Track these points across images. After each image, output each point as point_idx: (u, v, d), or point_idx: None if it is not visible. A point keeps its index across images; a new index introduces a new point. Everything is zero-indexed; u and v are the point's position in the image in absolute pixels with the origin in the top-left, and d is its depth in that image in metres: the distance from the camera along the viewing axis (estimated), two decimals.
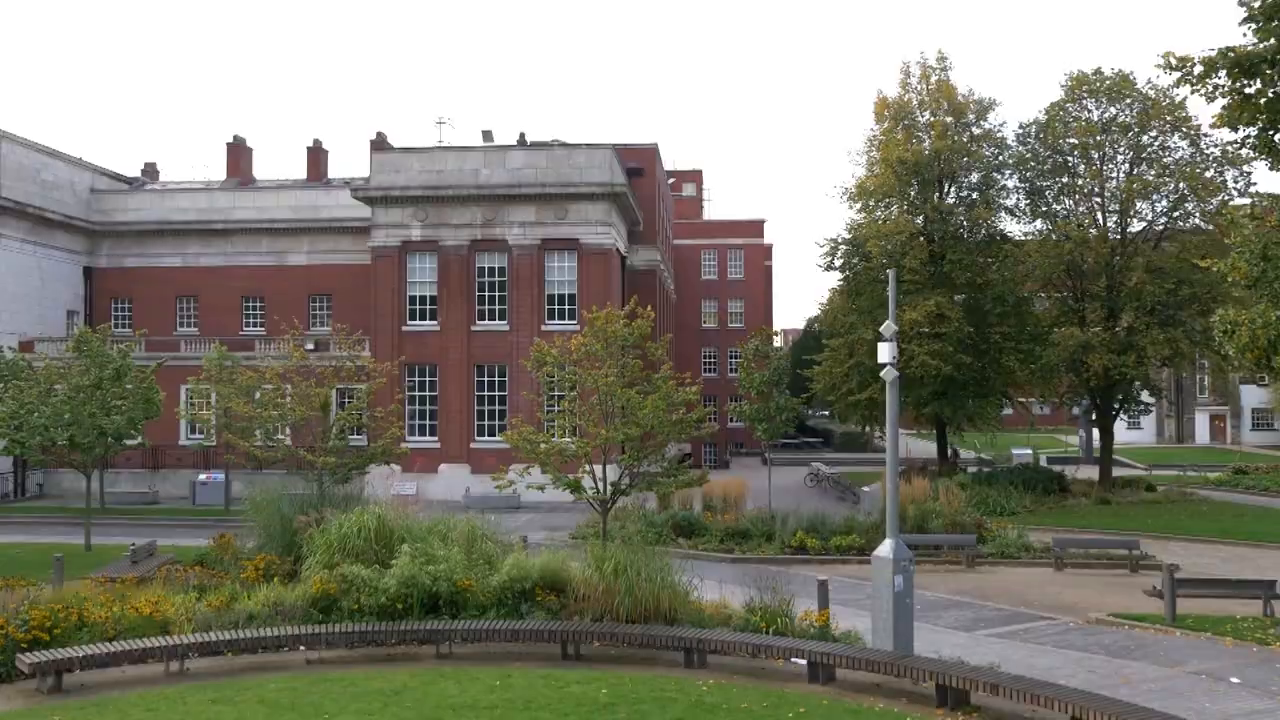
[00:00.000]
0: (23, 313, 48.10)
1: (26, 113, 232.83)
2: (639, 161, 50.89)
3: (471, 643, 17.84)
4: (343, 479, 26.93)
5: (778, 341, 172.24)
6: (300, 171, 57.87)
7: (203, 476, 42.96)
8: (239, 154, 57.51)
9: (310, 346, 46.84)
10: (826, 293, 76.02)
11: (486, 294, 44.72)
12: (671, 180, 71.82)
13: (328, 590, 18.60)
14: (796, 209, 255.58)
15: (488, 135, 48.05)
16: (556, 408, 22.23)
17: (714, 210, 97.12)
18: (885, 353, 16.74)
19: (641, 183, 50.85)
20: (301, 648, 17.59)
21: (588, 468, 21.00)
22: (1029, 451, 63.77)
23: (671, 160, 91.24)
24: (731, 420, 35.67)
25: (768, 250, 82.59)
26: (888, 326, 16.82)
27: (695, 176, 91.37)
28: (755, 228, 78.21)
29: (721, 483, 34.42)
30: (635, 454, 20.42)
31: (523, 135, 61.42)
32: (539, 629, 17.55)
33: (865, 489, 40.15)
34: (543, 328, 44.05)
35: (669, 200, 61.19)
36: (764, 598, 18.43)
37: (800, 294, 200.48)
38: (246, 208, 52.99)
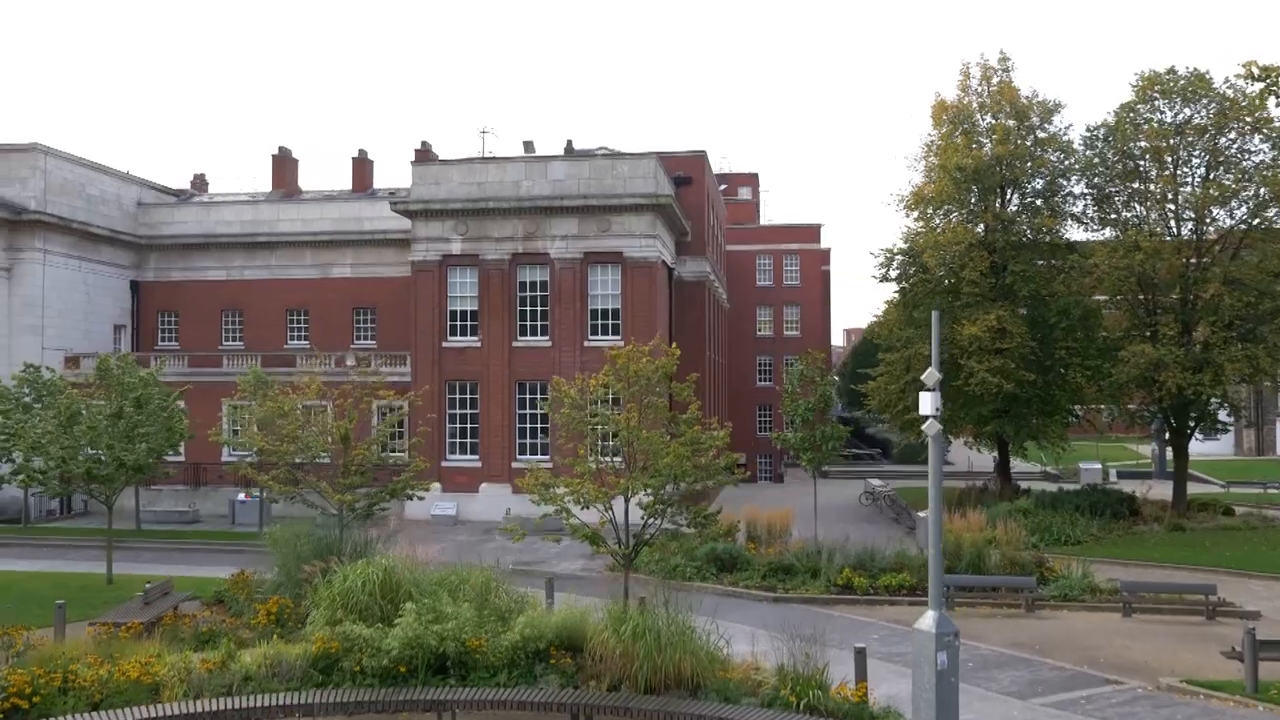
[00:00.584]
0: (69, 328, 48.05)
1: (80, 129, 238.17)
2: (687, 170, 49.34)
3: (477, 710, 16.57)
4: (364, 514, 25.82)
5: (839, 340, 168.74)
6: (346, 182, 57.31)
7: (241, 496, 42.32)
8: (284, 165, 57.09)
9: (351, 362, 46.29)
10: (883, 304, 73.63)
11: (528, 309, 43.53)
12: (723, 187, 70.13)
13: (329, 649, 17.45)
14: (860, 208, 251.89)
15: (529, 146, 46.87)
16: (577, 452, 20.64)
17: (771, 213, 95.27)
18: (927, 404, 15.10)
19: (689, 192, 49.32)
20: (298, 715, 16.45)
21: (609, 515, 19.53)
22: (1098, 466, 61.03)
23: (726, 163, 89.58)
24: (777, 445, 33.86)
25: (825, 255, 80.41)
26: (930, 375, 15.18)
27: (751, 180, 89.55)
28: (811, 233, 76.14)
29: (766, 512, 32.81)
30: (658, 502, 18.91)
31: (570, 143, 60.36)
32: (548, 700, 16.21)
33: (921, 514, 38.20)
34: (585, 343, 42.81)
35: (720, 207, 59.58)
36: (796, 664, 16.90)
37: (865, 294, 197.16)
38: (290, 220, 52.50)
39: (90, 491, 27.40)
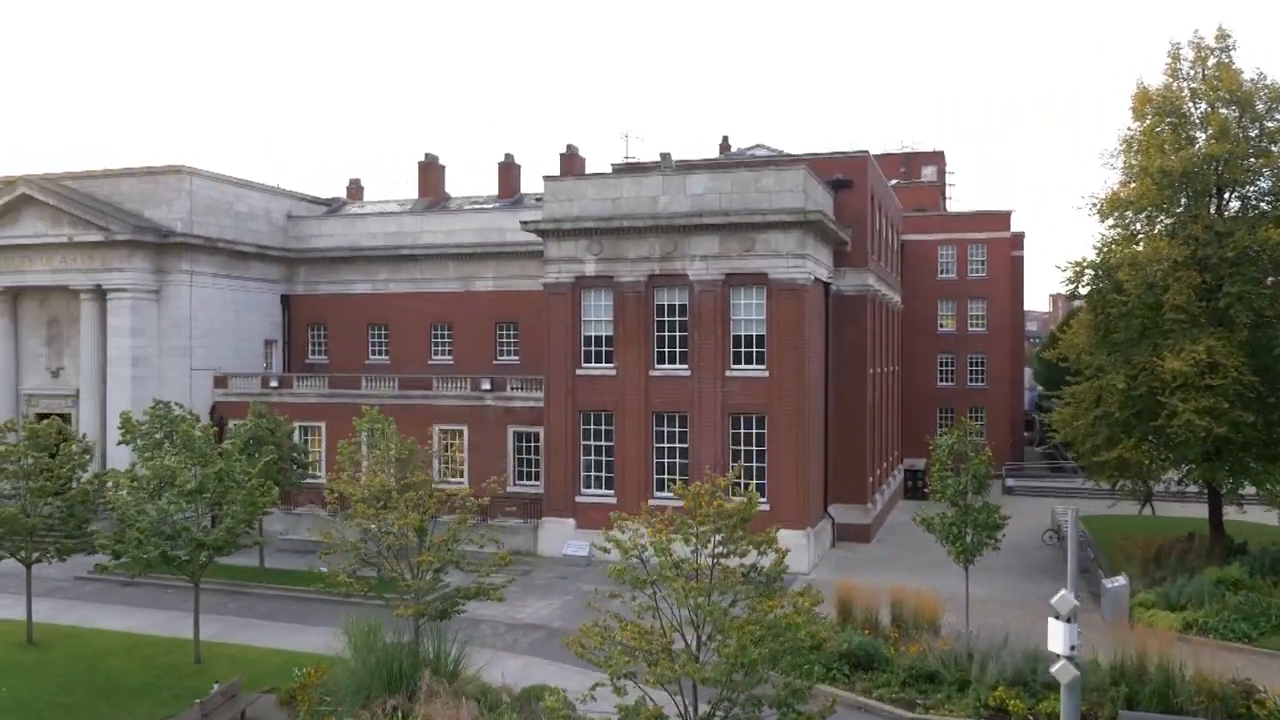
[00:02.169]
0: (218, 347, 48.15)
1: (241, 143, 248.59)
2: (847, 172, 44.64)
3: None
4: (438, 616, 23.29)
5: (1045, 306, 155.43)
6: (493, 187, 55.39)
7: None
8: (430, 172, 55.76)
9: (486, 386, 44.45)
10: (1067, 316, 65.95)
11: (666, 334, 40.26)
12: (894, 183, 64.46)
13: None
14: (1065, 177, 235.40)
15: (665, 158, 43.28)
16: (634, 608, 17.09)
17: (960, 194, 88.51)
18: (1058, 638, 11.01)
19: (849, 197, 44.65)
20: None
21: (677, 690, 16.02)
22: None
23: (909, 141, 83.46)
24: (921, 527, 28.19)
25: (1017, 240, 73.49)
26: (1063, 600, 11.06)
27: (936, 158, 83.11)
28: (1000, 220, 69.45)
29: (915, 593, 28.52)
30: (727, 690, 15.24)
31: (725, 139, 56.73)
32: None
33: (1110, 583, 32.85)
34: (727, 373, 39.26)
35: (891, 206, 54.33)
36: None
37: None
38: (434, 232, 51.06)
39: (172, 571, 26.09)
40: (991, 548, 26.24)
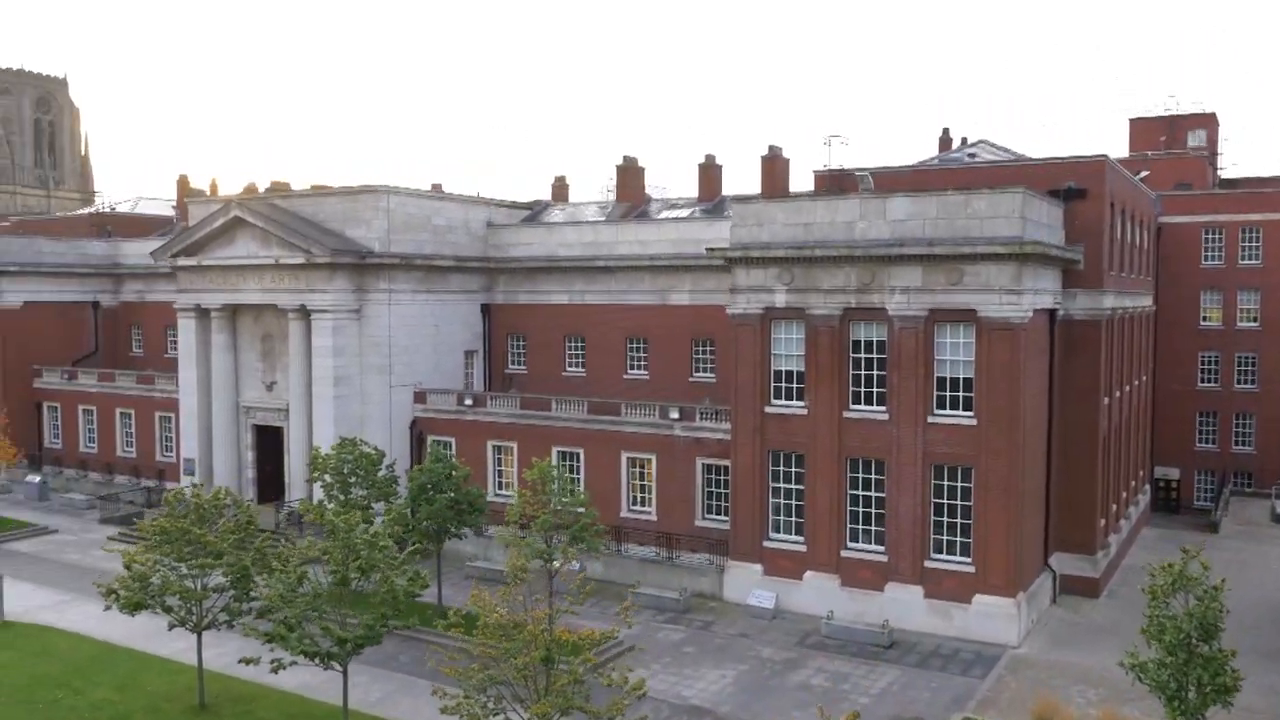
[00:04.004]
0: (417, 362, 48.50)
1: (459, 148, 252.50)
2: (1079, 179, 39.06)
3: None
4: None
5: None
6: (694, 187, 52.91)
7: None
8: (629, 175, 53.91)
9: (674, 415, 42.54)
10: None
11: (861, 373, 36.76)
12: (1142, 174, 56.86)
13: None
14: None
15: (864, 178, 39.13)
16: None
17: (1236, 159, 78.01)
18: None
19: (1083, 207, 39.12)
20: None
21: None
22: None
23: (1174, 103, 74.21)
24: (1130, 674, 22.99)
25: None
26: None
27: (1205, 121, 73.43)
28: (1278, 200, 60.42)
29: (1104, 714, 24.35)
30: None
31: (946, 132, 52.45)
32: None
33: None
34: (929, 419, 35.46)
35: (1138, 203, 47.49)
36: None
37: None
38: (629, 242, 49.21)
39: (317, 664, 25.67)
40: (1223, 705, 21.76)
